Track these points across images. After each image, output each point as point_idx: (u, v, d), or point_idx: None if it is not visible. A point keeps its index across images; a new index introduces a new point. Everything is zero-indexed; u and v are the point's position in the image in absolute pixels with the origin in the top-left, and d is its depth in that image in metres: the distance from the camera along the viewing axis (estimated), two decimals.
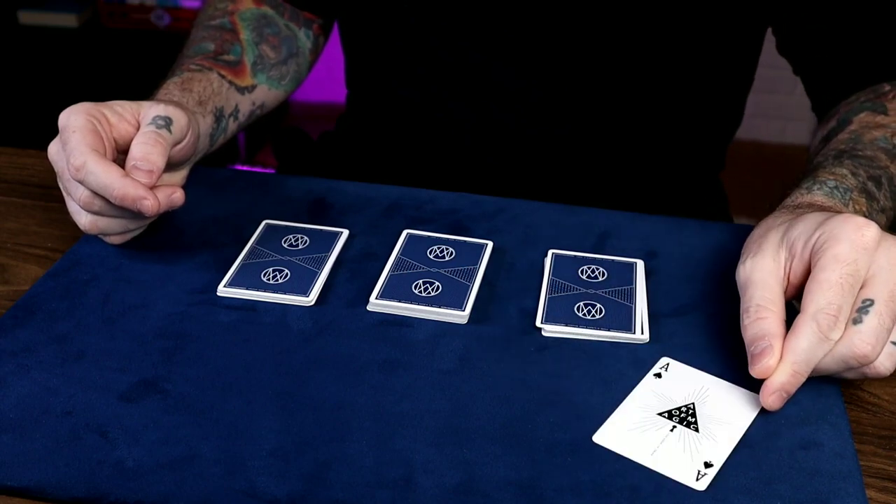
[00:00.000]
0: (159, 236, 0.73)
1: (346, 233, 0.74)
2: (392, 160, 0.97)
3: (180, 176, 0.73)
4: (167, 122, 0.68)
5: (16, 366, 0.61)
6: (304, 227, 0.75)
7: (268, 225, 0.75)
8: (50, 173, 0.85)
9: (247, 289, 0.67)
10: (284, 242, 0.73)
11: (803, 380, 0.57)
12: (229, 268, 0.69)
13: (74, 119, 0.66)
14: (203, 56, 0.83)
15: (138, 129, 0.68)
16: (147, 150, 0.65)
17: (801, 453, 0.55)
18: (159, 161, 0.65)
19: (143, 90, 0.78)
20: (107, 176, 0.64)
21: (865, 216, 0.65)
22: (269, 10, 0.91)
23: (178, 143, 0.69)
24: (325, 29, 0.97)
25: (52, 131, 0.69)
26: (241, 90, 0.84)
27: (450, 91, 0.89)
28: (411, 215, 0.77)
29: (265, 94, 0.88)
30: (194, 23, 0.91)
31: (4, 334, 0.63)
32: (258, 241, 0.73)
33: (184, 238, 0.73)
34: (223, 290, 0.67)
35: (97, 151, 0.65)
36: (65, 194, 0.69)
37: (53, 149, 0.68)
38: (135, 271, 0.70)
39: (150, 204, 0.64)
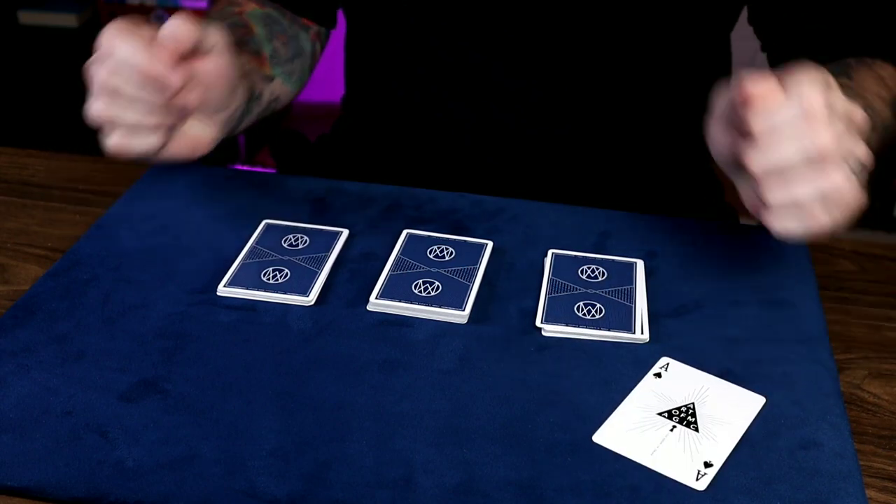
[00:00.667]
0: (159, 236, 0.73)
1: (346, 233, 0.74)
2: (392, 160, 0.97)
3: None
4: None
5: (16, 366, 0.61)
6: (304, 227, 0.75)
7: (268, 225, 0.75)
8: (50, 173, 0.85)
9: (247, 289, 0.67)
10: (284, 242, 0.73)
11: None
12: (229, 268, 0.69)
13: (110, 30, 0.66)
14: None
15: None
16: (175, 25, 0.65)
17: (801, 453, 0.55)
18: (189, 33, 0.64)
19: None
20: (136, 50, 0.63)
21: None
22: (272, 10, 0.91)
23: (209, 51, 0.68)
24: (321, 38, 0.97)
25: (52, 131, 0.69)
26: (265, 78, 0.85)
27: (450, 91, 0.89)
28: (411, 215, 0.77)
29: (280, 87, 0.89)
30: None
31: (4, 334, 0.63)
32: (258, 241, 0.73)
33: (184, 238, 0.73)
34: (223, 290, 0.67)
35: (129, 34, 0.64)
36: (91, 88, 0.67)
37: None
38: (135, 271, 0.69)
39: (175, 79, 0.63)
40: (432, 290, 0.67)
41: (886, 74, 0.82)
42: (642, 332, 0.64)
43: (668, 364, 0.62)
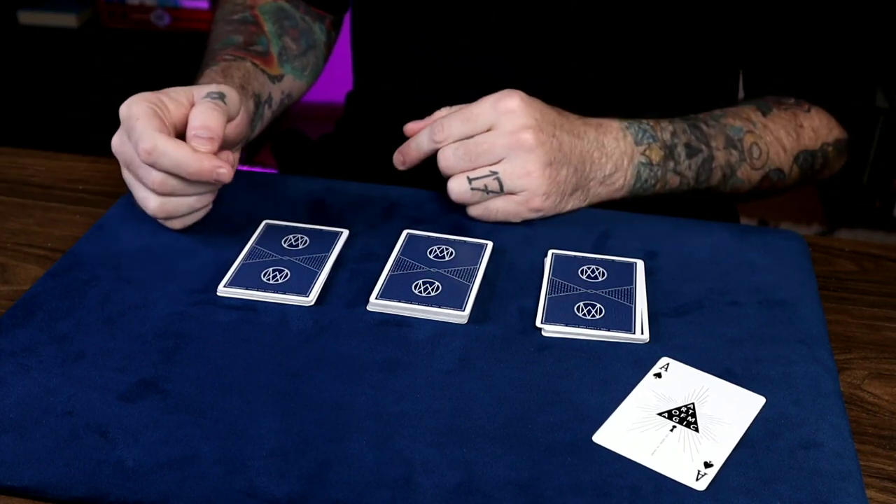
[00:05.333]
0: (159, 236, 0.73)
1: (346, 233, 0.74)
2: (392, 161, 0.97)
3: (233, 159, 0.74)
4: (221, 96, 0.69)
5: (16, 366, 0.61)
6: (304, 227, 0.75)
7: (268, 225, 0.75)
8: (50, 173, 0.85)
9: (247, 289, 0.67)
10: (284, 242, 0.73)
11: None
12: (229, 268, 0.69)
13: (136, 108, 0.68)
14: (234, 47, 0.85)
15: None
16: (205, 118, 0.67)
17: (801, 453, 0.55)
18: (218, 128, 0.67)
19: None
20: (179, 153, 0.65)
21: (655, 164, 0.78)
22: (285, 3, 0.93)
23: (233, 118, 0.71)
24: (336, 25, 0.99)
25: (52, 131, 0.69)
26: (272, 79, 0.86)
27: (454, 89, 0.89)
28: (411, 215, 0.77)
29: (291, 84, 0.90)
30: (214, 19, 0.93)
31: (4, 334, 0.63)
32: (258, 241, 0.73)
33: (184, 238, 0.73)
34: (223, 290, 0.67)
35: (164, 133, 0.66)
36: (132, 183, 0.71)
37: (117, 141, 0.70)
38: (135, 271, 0.69)
39: (226, 172, 0.66)
40: (432, 290, 0.67)
41: (813, 125, 0.86)
42: (642, 332, 0.64)
43: (668, 364, 0.62)
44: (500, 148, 0.73)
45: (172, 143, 0.65)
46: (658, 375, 0.61)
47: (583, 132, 0.77)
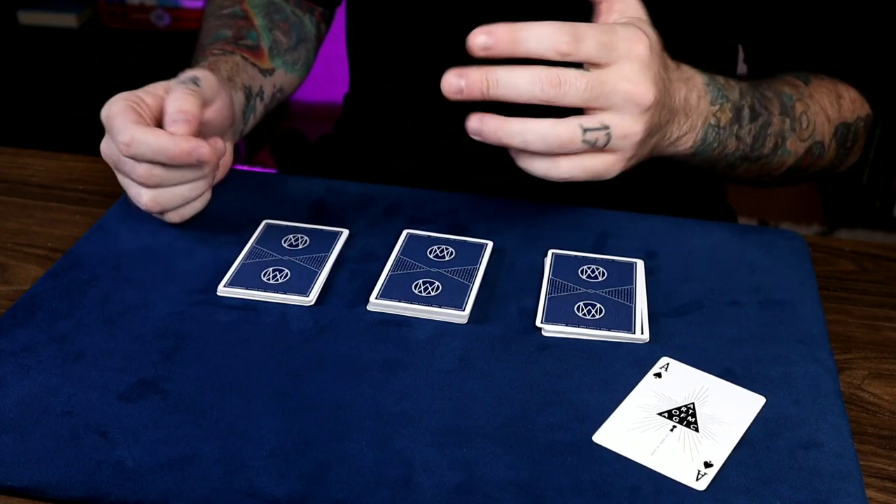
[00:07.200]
0: (159, 236, 0.73)
1: (346, 233, 0.74)
2: (393, 159, 0.97)
3: (222, 146, 0.74)
4: (195, 80, 0.70)
5: (16, 366, 0.61)
6: (304, 227, 0.75)
7: (268, 225, 0.75)
8: (50, 173, 0.85)
9: (247, 289, 0.67)
10: (284, 242, 0.73)
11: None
12: (229, 268, 0.69)
13: (113, 107, 0.68)
14: (223, 42, 0.85)
15: None
16: (179, 103, 0.67)
17: (801, 453, 0.55)
18: (193, 110, 0.67)
19: None
20: (157, 140, 0.65)
21: (722, 126, 0.74)
22: None
23: (211, 102, 0.71)
24: (326, 18, 0.99)
25: (52, 131, 0.69)
26: (264, 73, 0.86)
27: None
28: (411, 215, 0.77)
29: (283, 77, 0.90)
30: (204, 14, 0.93)
31: (4, 334, 0.63)
32: (258, 241, 0.73)
33: (184, 238, 0.73)
34: (223, 290, 0.67)
35: (141, 124, 0.66)
36: (123, 182, 0.71)
37: (104, 145, 0.70)
38: (135, 271, 0.70)
39: (207, 151, 0.66)
40: (432, 290, 0.67)
41: (851, 96, 0.85)
42: (642, 332, 0.64)
43: (668, 364, 0.62)
44: (620, 96, 0.65)
45: (149, 132, 0.66)
46: (658, 375, 0.61)
47: (675, 91, 0.71)
